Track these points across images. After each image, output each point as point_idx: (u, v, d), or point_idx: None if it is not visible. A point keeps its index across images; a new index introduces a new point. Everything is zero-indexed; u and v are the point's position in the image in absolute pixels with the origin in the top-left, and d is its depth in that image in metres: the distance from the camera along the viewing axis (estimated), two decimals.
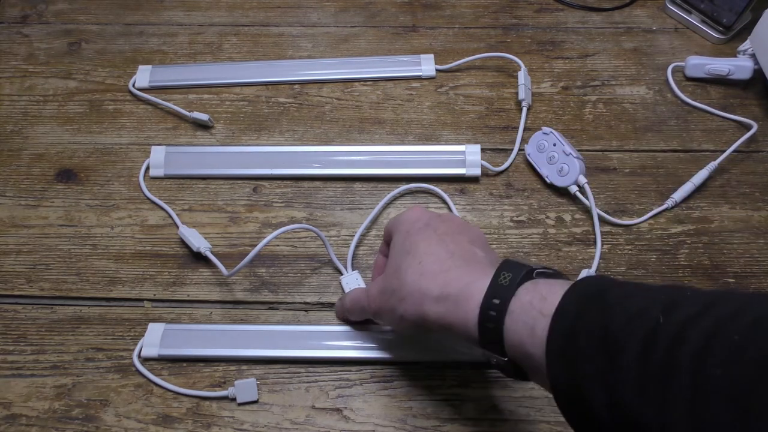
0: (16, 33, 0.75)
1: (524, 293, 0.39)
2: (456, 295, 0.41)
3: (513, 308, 0.38)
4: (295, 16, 0.76)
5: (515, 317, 0.38)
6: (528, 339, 0.37)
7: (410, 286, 0.43)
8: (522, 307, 0.38)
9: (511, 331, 0.38)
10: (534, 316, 0.37)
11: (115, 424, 0.50)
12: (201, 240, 0.57)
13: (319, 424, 0.50)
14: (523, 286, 0.39)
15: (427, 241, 0.45)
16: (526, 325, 0.37)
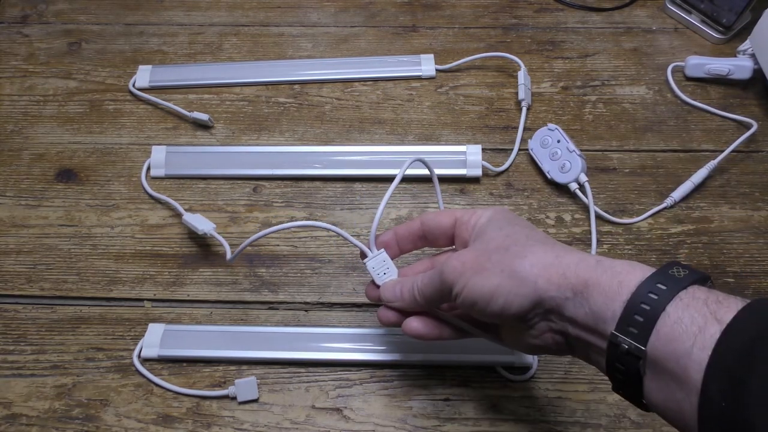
0: (16, 33, 0.75)
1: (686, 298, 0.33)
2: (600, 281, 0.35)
3: (662, 323, 0.32)
4: (295, 16, 0.76)
5: (665, 335, 0.32)
6: (680, 359, 0.31)
7: (536, 248, 0.38)
8: (674, 331, 0.32)
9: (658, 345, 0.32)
10: (690, 339, 0.31)
11: (115, 423, 0.50)
12: (206, 223, 0.57)
13: (319, 423, 0.50)
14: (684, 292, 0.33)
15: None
16: (681, 344, 0.31)
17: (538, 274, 0.37)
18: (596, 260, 0.37)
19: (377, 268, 0.48)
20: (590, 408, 0.50)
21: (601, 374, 0.51)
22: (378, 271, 0.48)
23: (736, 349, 0.30)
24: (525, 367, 0.52)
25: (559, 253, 0.38)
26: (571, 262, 0.37)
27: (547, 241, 0.40)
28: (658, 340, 0.32)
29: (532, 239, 0.40)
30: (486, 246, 0.40)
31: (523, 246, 0.39)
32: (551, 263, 0.37)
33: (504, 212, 0.43)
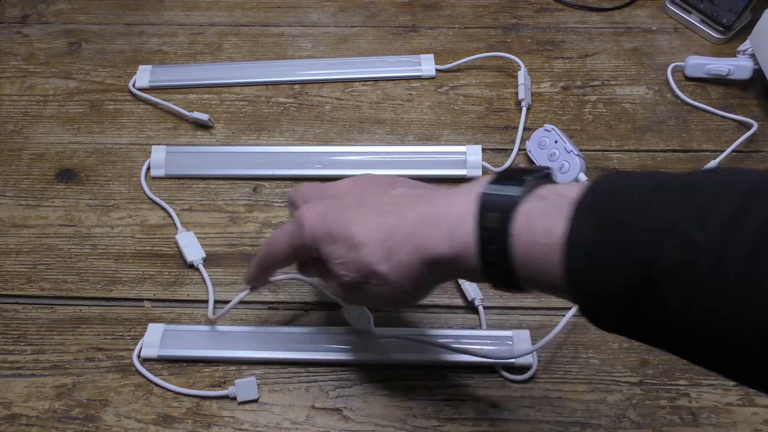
0: (16, 33, 0.75)
1: (520, 233, 0.34)
2: (438, 214, 0.37)
3: (515, 251, 0.34)
4: (295, 16, 0.76)
5: (520, 260, 0.34)
6: (542, 276, 0.33)
7: (367, 224, 0.39)
8: (525, 250, 0.34)
9: (520, 269, 0.34)
10: (547, 218, 0.33)
11: (115, 424, 0.50)
12: (196, 250, 0.57)
13: (319, 423, 0.50)
14: (516, 222, 0.34)
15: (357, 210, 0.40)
16: (538, 228, 0.33)
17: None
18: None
19: (353, 313, 0.52)
20: (590, 408, 0.50)
21: (601, 374, 0.51)
22: (354, 316, 0.52)
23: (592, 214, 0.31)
24: (525, 367, 0.52)
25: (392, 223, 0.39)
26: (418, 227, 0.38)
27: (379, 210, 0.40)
28: (518, 225, 0.34)
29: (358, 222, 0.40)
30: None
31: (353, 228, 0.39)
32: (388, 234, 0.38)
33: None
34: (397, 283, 0.39)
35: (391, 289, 0.39)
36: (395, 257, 0.38)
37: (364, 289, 0.40)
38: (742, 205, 0.28)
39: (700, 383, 0.51)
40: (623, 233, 0.30)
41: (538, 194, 0.34)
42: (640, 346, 0.53)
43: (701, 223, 0.28)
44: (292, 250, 0.43)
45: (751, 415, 0.49)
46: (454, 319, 0.55)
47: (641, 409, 0.50)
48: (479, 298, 0.54)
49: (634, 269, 0.29)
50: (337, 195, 0.42)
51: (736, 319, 0.27)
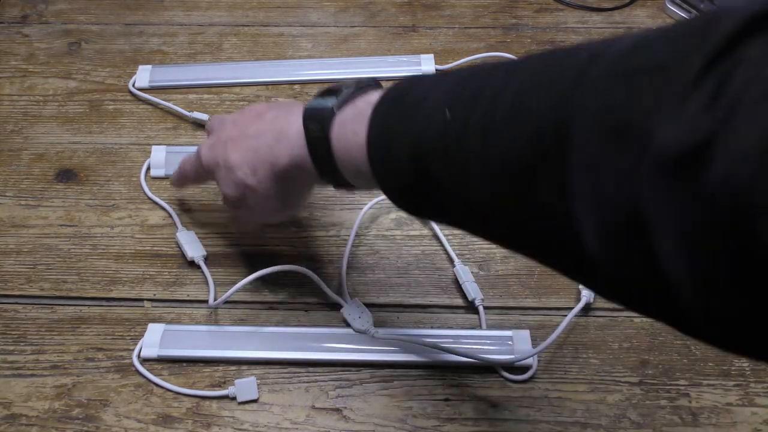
0: (16, 33, 0.75)
1: (336, 138, 0.41)
2: (283, 132, 0.45)
3: (334, 124, 0.41)
4: (295, 16, 0.76)
5: (338, 129, 0.41)
6: (353, 142, 0.40)
7: (240, 150, 0.47)
8: (342, 120, 0.41)
9: (336, 143, 0.41)
10: (354, 122, 0.40)
11: (115, 424, 0.50)
12: (197, 247, 0.57)
13: (319, 424, 0.50)
14: (332, 129, 0.41)
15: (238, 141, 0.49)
16: (348, 131, 0.40)
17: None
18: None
19: (353, 314, 0.54)
20: (590, 408, 0.50)
21: (601, 374, 0.51)
22: (354, 316, 0.53)
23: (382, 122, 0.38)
24: (525, 368, 0.51)
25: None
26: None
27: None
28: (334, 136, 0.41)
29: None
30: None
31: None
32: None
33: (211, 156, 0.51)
34: (264, 193, 0.47)
35: (262, 199, 0.48)
36: (259, 173, 0.47)
37: (245, 202, 0.49)
38: (481, 89, 0.33)
39: (700, 383, 0.51)
40: (403, 124, 0.37)
41: (353, 104, 0.42)
42: (640, 346, 0.53)
43: (451, 108, 0.34)
44: (195, 173, 0.54)
45: (751, 415, 0.49)
46: (454, 319, 0.55)
47: (641, 409, 0.50)
48: (479, 298, 0.54)
49: (410, 150, 0.36)
50: (227, 127, 0.50)
51: (471, 184, 0.33)
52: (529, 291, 0.56)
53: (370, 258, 0.58)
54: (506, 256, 0.58)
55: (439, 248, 0.58)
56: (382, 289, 0.56)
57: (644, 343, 0.53)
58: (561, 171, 0.27)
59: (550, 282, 0.56)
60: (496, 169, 0.31)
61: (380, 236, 0.59)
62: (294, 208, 0.55)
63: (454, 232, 0.59)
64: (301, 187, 0.50)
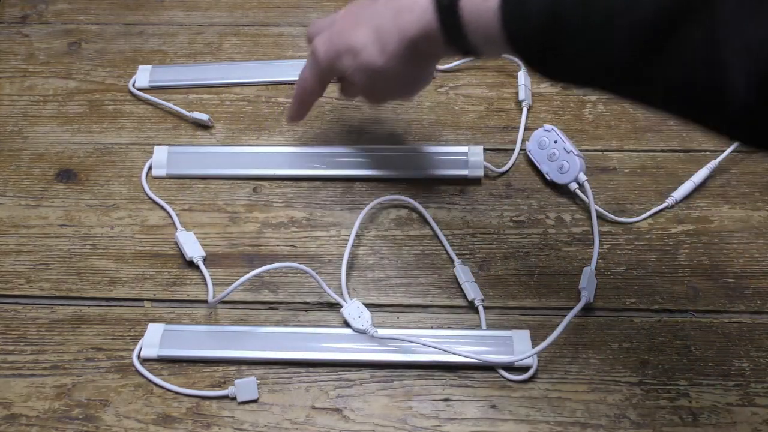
0: (16, 33, 0.75)
1: None
2: (408, 3, 0.46)
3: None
4: (295, 16, 0.76)
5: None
6: (483, 6, 0.41)
7: (361, 32, 0.48)
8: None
9: (465, 8, 0.42)
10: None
11: (115, 424, 0.50)
12: (196, 248, 0.57)
13: (319, 424, 0.50)
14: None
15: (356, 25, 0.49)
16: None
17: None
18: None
19: (353, 313, 0.54)
20: (590, 408, 0.50)
21: (601, 374, 0.51)
22: (353, 316, 0.53)
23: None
24: (525, 367, 0.52)
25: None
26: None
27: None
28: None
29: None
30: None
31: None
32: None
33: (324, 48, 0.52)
34: (394, 70, 0.48)
35: (393, 77, 0.49)
36: (387, 49, 0.47)
37: (377, 85, 0.50)
38: None
39: (700, 383, 0.51)
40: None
41: None
42: (640, 346, 0.53)
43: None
44: (318, 78, 0.54)
45: (751, 415, 0.49)
46: (454, 319, 0.55)
47: (641, 409, 0.50)
48: (479, 298, 0.55)
49: (545, 3, 0.37)
50: (336, 20, 0.51)
51: (612, 37, 0.35)
52: (529, 291, 0.56)
53: (370, 258, 0.58)
54: (506, 256, 0.58)
55: (439, 248, 0.58)
56: (382, 289, 0.56)
57: (644, 343, 0.53)
58: (711, 24, 0.31)
59: (550, 282, 0.56)
60: (644, 22, 0.33)
61: (380, 236, 0.59)
62: (423, 84, 0.55)
63: (454, 232, 0.59)
64: (427, 58, 0.50)
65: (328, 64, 0.51)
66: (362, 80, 0.50)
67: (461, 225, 0.60)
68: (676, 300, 0.55)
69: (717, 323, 0.54)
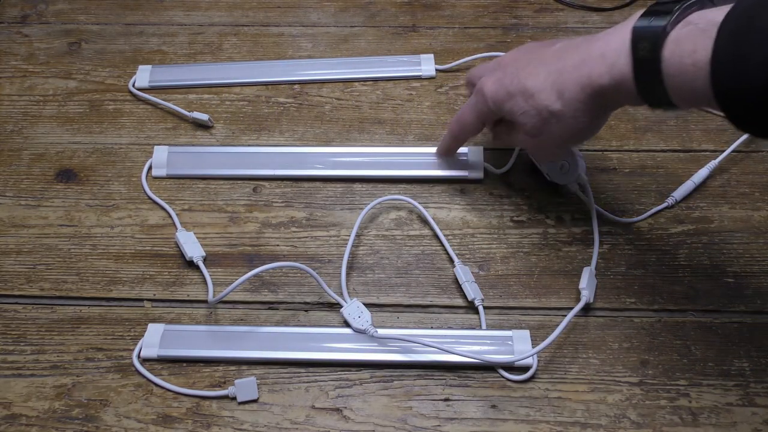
0: (16, 33, 0.75)
1: (675, 31, 0.40)
2: (597, 52, 0.44)
3: (667, 42, 0.40)
4: (295, 16, 0.76)
5: (672, 48, 0.40)
6: (689, 61, 0.39)
7: (543, 75, 0.47)
8: (677, 39, 0.40)
9: (669, 62, 0.40)
10: (694, 41, 0.39)
11: (115, 424, 0.50)
12: (196, 248, 0.57)
13: (319, 424, 0.50)
14: (665, 48, 0.40)
15: (530, 67, 0.49)
16: (685, 50, 0.39)
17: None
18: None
19: (353, 313, 0.54)
20: (590, 408, 0.50)
21: (601, 374, 0.51)
22: (353, 316, 0.53)
23: (736, 18, 0.37)
24: (525, 368, 0.51)
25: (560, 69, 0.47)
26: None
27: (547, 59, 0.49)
28: (667, 50, 0.40)
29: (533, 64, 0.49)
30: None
31: (525, 78, 0.49)
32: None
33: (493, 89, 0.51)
34: (572, 116, 0.47)
35: (568, 123, 0.47)
36: (566, 95, 0.46)
37: (546, 130, 0.49)
38: None
39: (700, 383, 0.51)
40: (758, 40, 0.35)
41: (687, 20, 0.40)
42: (640, 346, 0.53)
43: None
44: (479, 117, 0.54)
45: (751, 415, 0.49)
46: (454, 319, 0.55)
47: (641, 409, 0.50)
48: (479, 298, 0.54)
49: (764, 67, 0.35)
50: (508, 63, 0.51)
51: None
52: (529, 291, 0.56)
53: (370, 258, 0.58)
54: (506, 256, 0.58)
55: (439, 248, 0.58)
56: (382, 289, 0.56)
57: (644, 343, 0.53)
58: None
59: (550, 282, 0.56)
60: None
61: (380, 236, 0.59)
62: (594, 133, 0.53)
63: (454, 232, 0.59)
64: (609, 108, 0.49)
65: (496, 105, 0.51)
66: (532, 124, 0.49)
67: (461, 225, 0.60)
68: (676, 300, 0.55)
69: (717, 323, 0.54)
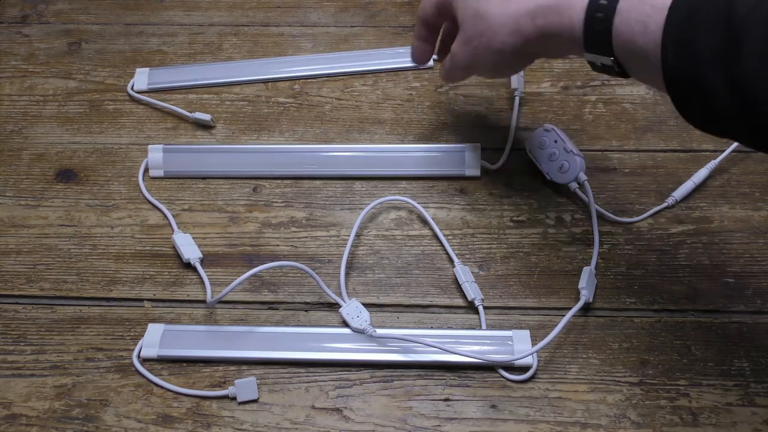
0: (16, 33, 0.75)
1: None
2: (556, 4, 0.43)
3: (622, 7, 0.40)
4: (295, 16, 0.76)
5: (625, 16, 0.40)
6: (640, 36, 0.39)
7: (498, 16, 0.46)
8: (632, 5, 0.39)
9: (620, 31, 0.40)
10: (646, 12, 0.39)
11: (115, 424, 0.50)
12: (193, 250, 0.57)
13: (319, 424, 0.50)
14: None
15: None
16: (638, 23, 0.39)
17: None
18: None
19: (351, 313, 0.54)
20: (590, 408, 0.50)
21: (601, 374, 0.51)
22: (352, 316, 0.53)
23: (679, 24, 0.37)
24: (525, 367, 0.51)
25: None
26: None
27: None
28: (618, 48, 0.41)
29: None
30: (463, 25, 0.50)
31: (488, 18, 0.47)
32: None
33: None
34: (505, 33, 0.47)
35: (497, 39, 0.47)
36: (510, 14, 0.46)
37: (476, 36, 0.48)
38: None
39: (700, 383, 0.51)
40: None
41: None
42: (640, 346, 0.53)
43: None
44: (436, 5, 0.53)
45: (751, 415, 0.49)
46: (454, 319, 0.55)
47: (641, 409, 0.50)
48: (479, 298, 0.54)
49: (720, 19, 0.35)
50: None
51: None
52: (529, 291, 0.56)
53: (370, 258, 0.58)
54: (506, 256, 0.58)
55: (439, 248, 0.58)
56: (382, 289, 0.56)
57: (644, 343, 0.53)
58: None
59: (550, 282, 0.56)
60: None
61: (380, 236, 0.59)
62: (518, 66, 0.55)
63: (453, 232, 0.59)
64: (544, 54, 0.51)
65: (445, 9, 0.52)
66: (471, 28, 0.49)
67: (461, 225, 0.60)
68: (676, 300, 0.55)
69: (717, 323, 0.54)
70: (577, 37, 0.43)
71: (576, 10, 0.42)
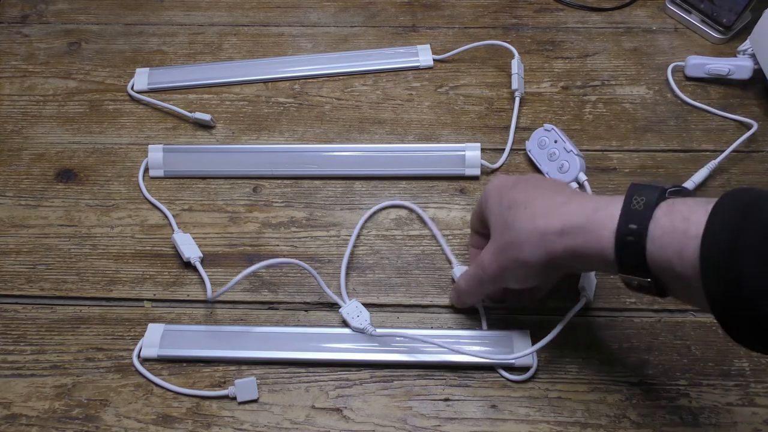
0: (16, 33, 0.75)
1: (662, 216, 0.38)
2: (584, 224, 0.41)
3: (653, 234, 0.38)
4: (295, 16, 0.76)
5: (658, 242, 0.38)
6: (677, 262, 0.37)
7: (526, 230, 0.44)
8: (664, 232, 0.38)
9: (655, 256, 0.38)
10: (680, 240, 0.37)
11: (115, 424, 0.50)
12: (193, 249, 0.57)
13: (319, 423, 0.50)
14: (659, 208, 0.39)
15: (525, 192, 0.46)
16: (672, 249, 0.37)
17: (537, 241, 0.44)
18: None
19: (351, 313, 0.54)
20: (590, 408, 0.50)
21: (601, 374, 0.51)
22: (352, 315, 0.53)
23: (719, 254, 0.35)
24: (525, 367, 0.51)
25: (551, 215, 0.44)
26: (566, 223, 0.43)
27: (538, 202, 0.45)
28: (655, 270, 0.39)
29: (526, 206, 0.45)
30: (494, 237, 0.48)
31: (516, 231, 0.45)
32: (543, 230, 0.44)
33: (496, 197, 0.48)
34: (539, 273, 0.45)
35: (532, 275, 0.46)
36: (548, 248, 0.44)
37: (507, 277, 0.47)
38: None
39: (700, 383, 0.51)
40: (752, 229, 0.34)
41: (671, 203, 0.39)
42: (640, 346, 0.53)
43: None
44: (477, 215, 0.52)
45: (751, 415, 0.49)
46: (454, 319, 0.55)
47: (641, 409, 0.50)
48: None
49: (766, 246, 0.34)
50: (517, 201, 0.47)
51: None
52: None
53: (370, 258, 0.58)
54: None
55: (438, 248, 0.58)
56: (382, 289, 0.56)
57: (644, 343, 0.53)
58: None
59: None
60: None
61: (380, 236, 0.59)
62: (550, 283, 0.53)
63: (454, 232, 0.59)
64: (575, 269, 0.50)
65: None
66: (500, 238, 0.47)
67: (461, 225, 0.60)
68: (676, 300, 0.55)
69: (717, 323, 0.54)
70: (609, 259, 0.41)
71: (605, 232, 0.40)
